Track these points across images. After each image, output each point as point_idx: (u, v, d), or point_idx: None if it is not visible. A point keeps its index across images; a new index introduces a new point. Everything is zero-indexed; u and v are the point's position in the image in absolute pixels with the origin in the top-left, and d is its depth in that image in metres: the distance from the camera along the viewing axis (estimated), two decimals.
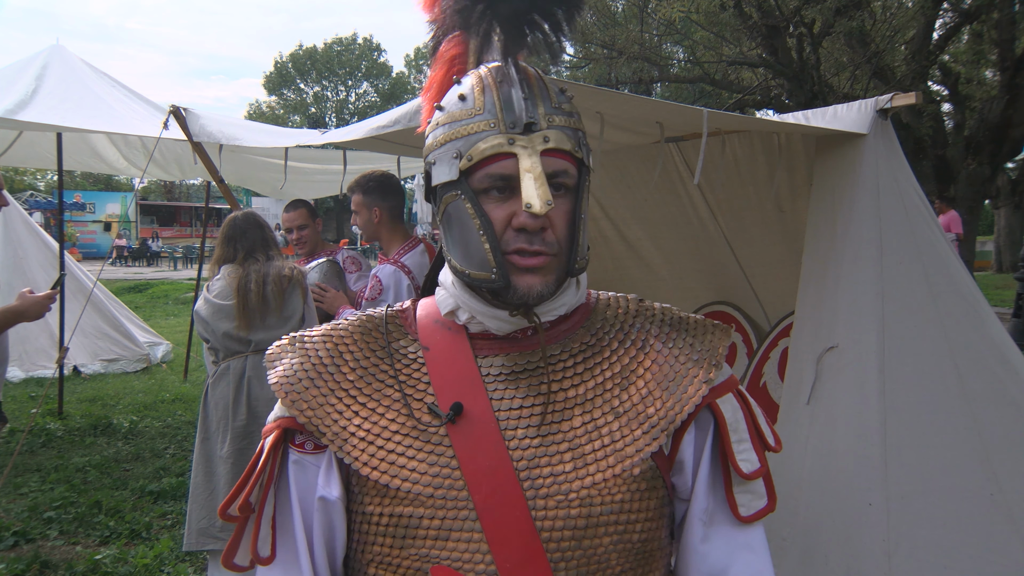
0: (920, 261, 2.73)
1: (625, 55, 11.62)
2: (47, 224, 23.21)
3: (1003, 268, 22.79)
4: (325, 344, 1.15)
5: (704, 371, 1.09)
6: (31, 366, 8.58)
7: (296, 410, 1.09)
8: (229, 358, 3.46)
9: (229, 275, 3.48)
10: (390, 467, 1.04)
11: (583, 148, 1.08)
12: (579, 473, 1.02)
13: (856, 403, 2.60)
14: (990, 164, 10.89)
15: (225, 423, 3.37)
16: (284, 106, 47.54)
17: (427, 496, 1.02)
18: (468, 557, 1.01)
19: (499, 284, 1.03)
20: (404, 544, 1.04)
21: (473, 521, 1.01)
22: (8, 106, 4.98)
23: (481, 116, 1.04)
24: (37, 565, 4.14)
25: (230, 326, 3.41)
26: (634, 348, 1.12)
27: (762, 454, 1.11)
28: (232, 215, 3.69)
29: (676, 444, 1.09)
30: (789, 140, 3.34)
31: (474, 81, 1.08)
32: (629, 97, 2.89)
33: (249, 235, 3.56)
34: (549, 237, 1.03)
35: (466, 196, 1.04)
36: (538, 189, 0.99)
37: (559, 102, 1.07)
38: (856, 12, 9.57)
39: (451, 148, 1.06)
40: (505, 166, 1.02)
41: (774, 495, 1.13)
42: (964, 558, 2.48)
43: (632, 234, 4.38)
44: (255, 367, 3.43)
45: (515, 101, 1.04)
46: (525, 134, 1.02)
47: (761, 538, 1.12)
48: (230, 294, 3.42)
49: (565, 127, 1.05)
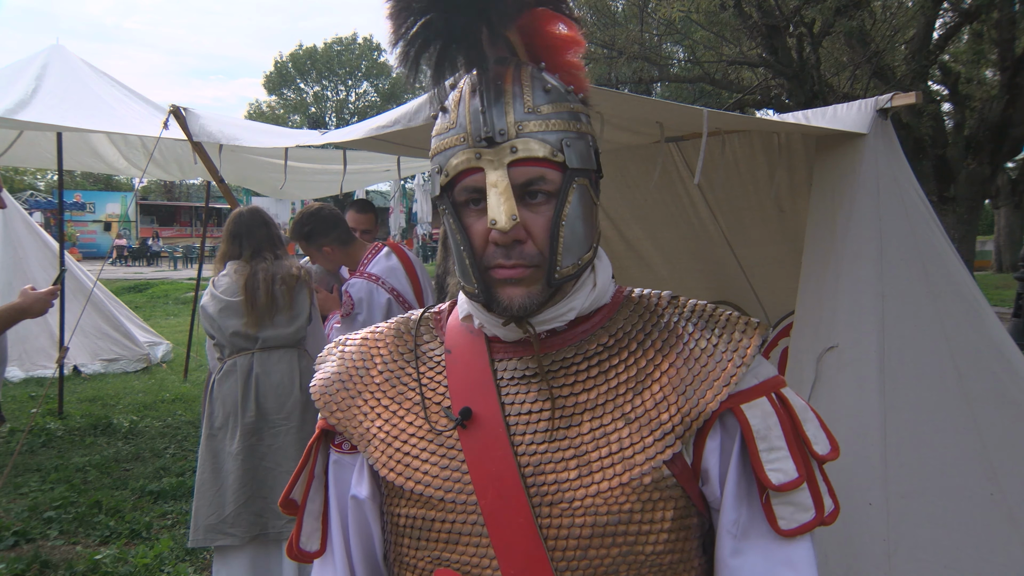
0: (920, 261, 2.72)
1: (625, 55, 11.61)
2: (47, 224, 23.20)
3: (1003, 268, 22.80)
4: (360, 348, 1.19)
5: (727, 374, 1.02)
6: (31, 366, 8.58)
7: (327, 412, 1.14)
8: (235, 355, 3.43)
9: (236, 272, 3.45)
10: (405, 469, 1.06)
11: (569, 149, 1.02)
12: (584, 481, 0.99)
13: (856, 403, 2.60)
14: (990, 164, 10.87)
15: (234, 419, 3.36)
16: (284, 106, 47.52)
17: (438, 499, 1.03)
18: (476, 562, 1.01)
19: (481, 299, 1.04)
20: (419, 545, 1.06)
21: (480, 526, 1.01)
22: (8, 106, 4.98)
23: (454, 130, 1.03)
24: (37, 565, 4.14)
25: (238, 323, 3.39)
26: (652, 350, 1.06)
27: (802, 463, 1.02)
28: (237, 211, 3.64)
29: (699, 452, 1.03)
30: (789, 140, 3.34)
31: (456, 92, 1.06)
32: (629, 97, 2.88)
33: (256, 233, 3.52)
34: (529, 249, 1.00)
35: (449, 211, 1.04)
36: (503, 205, 0.96)
37: (537, 104, 1.01)
38: (856, 12, 9.55)
39: (436, 163, 1.06)
40: (476, 179, 1.01)
41: (823, 506, 1.03)
42: (964, 558, 2.48)
43: (632, 234, 4.38)
44: (262, 363, 3.42)
45: (481, 113, 1.00)
46: (491, 147, 0.99)
47: (806, 554, 1.02)
48: (237, 291, 3.40)
49: (539, 132, 1.00)
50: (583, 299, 1.08)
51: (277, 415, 3.39)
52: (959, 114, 12.08)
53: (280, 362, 3.45)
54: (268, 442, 3.36)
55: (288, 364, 3.46)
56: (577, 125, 1.04)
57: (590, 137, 1.07)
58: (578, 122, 1.05)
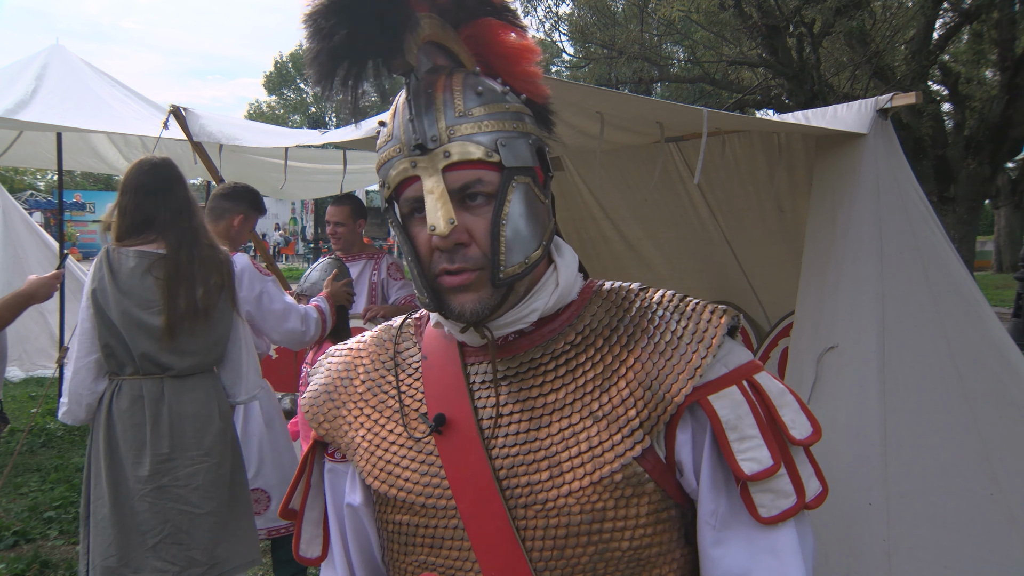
0: (920, 261, 2.73)
1: (625, 55, 11.63)
2: (47, 224, 23.19)
3: (1003, 268, 22.81)
4: (344, 359, 1.21)
5: (691, 365, 1.00)
6: (31, 366, 8.58)
7: (315, 424, 1.16)
8: (139, 376, 2.89)
9: (147, 259, 2.84)
10: (388, 477, 1.08)
11: (504, 148, 1.01)
12: (555, 482, 0.99)
13: (856, 403, 2.60)
14: (990, 164, 10.87)
15: (137, 453, 2.80)
16: (284, 106, 47.55)
17: (420, 505, 1.05)
18: (459, 565, 1.03)
19: (433, 307, 1.05)
20: (406, 550, 1.08)
21: (461, 530, 1.02)
22: (8, 106, 4.97)
23: (391, 142, 1.04)
24: (37, 565, 4.14)
25: (152, 345, 2.86)
26: (618, 346, 1.05)
27: (778, 450, 1.00)
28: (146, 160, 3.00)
29: (671, 445, 1.02)
30: (789, 140, 3.34)
31: (393, 105, 1.07)
32: (629, 97, 2.89)
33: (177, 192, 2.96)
34: (472, 252, 1.00)
35: (395, 223, 1.06)
36: (439, 210, 0.97)
37: (468, 108, 1.01)
38: (856, 12, 9.56)
39: (380, 176, 1.07)
40: (416, 188, 1.01)
41: (803, 491, 1.01)
42: (964, 558, 2.48)
43: (632, 234, 4.38)
44: (175, 391, 2.86)
45: (410, 121, 1.01)
46: (424, 154, 1.00)
47: (790, 540, 1.00)
48: (153, 292, 2.84)
49: (472, 135, 1.00)
50: (545, 299, 1.08)
51: (196, 451, 2.81)
52: (959, 114, 12.08)
53: (196, 390, 2.86)
54: (185, 482, 2.78)
55: (205, 392, 2.88)
56: (515, 124, 1.04)
57: (532, 136, 1.06)
58: (517, 121, 1.04)
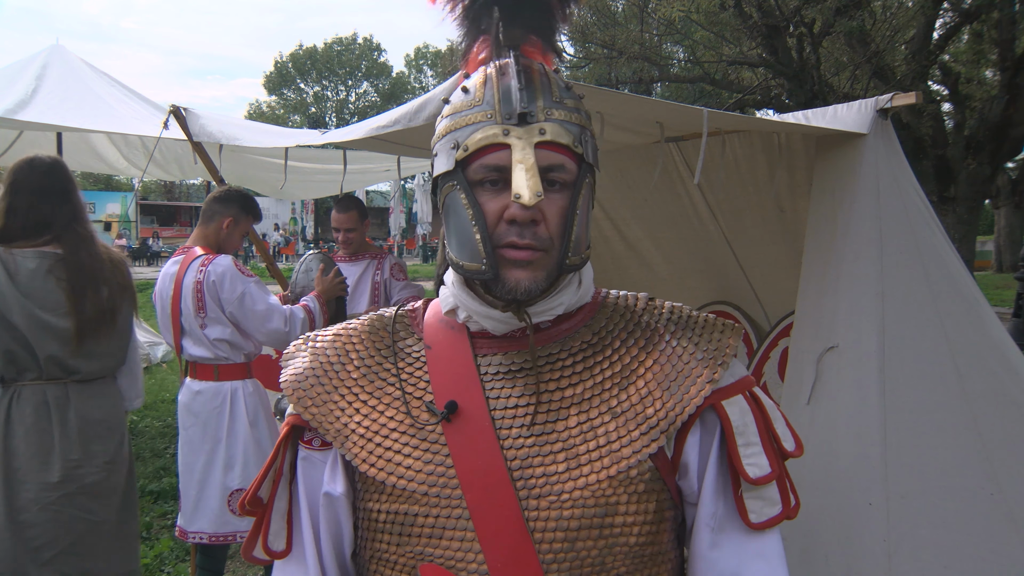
0: (920, 261, 2.72)
1: (625, 55, 11.61)
2: None
3: (1003, 268, 22.82)
4: (334, 343, 1.18)
5: (709, 371, 1.05)
6: None
7: (301, 407, 1.12)
8: (41, 381, 2.81)
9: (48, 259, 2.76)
10: (387, 464, 1.05)
11: (585, 144, 1.06)
12: (572, 474, 1.01)
13: (856, 403, 2.60)
14: (990, 164, 10.87)
15: (43, 463, 2.69)
16: (284, 106, 47.57)
17: (421, 494, 1.03)
18: (461, 556, 1.02)
19: (488, 276, 1.03)
20: (401, 541, 1.05)
21: (466, 520, 1.01)
22: (8, 106, 4.97)
23: (479, 107, 1.05)
24: None
25: (58, 347, 2.76)
26: (636, 347, 1.09)
27: (774, 459, 1.07)
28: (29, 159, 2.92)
29: (679, 446, 1.06)
30: (789, 140, 3.34)
31: (479, 75, 1.08)
32: (629, 97, 2.89)
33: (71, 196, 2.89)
34: (541, 232, 1.02)
35: (461, 187, 1.04)
36: (529, 180, 0.97)
37: (562, 97, 1.05)
38: (856, 12, 9.56)
39: (450, 139, 1.06)
40: (499, 157, 1.01)
41: (789, 501, 1.08)
42: (964, 558, 2.48)
43: (632, 234, 4.38)
44: (81, 396, 2.79)
45: (512, 92, 1.03)
46: (520, 125, 1.01)
47: (775, 546, 1.08)
48: (57, 294, 2.76)
49: (564, 121, 1.03)
50: (570, 296, 1.11)
51: (103, 458, 2.75)
52: (959, 114, 12.08)
53: (102, 395, 2.81)
54: (90, 490, 2.71)
55: (112, 397, 2.84)
56: (589, 126, 1.09)
57: (594, 143, 1.12)
58: (589, 125, 1.09)
